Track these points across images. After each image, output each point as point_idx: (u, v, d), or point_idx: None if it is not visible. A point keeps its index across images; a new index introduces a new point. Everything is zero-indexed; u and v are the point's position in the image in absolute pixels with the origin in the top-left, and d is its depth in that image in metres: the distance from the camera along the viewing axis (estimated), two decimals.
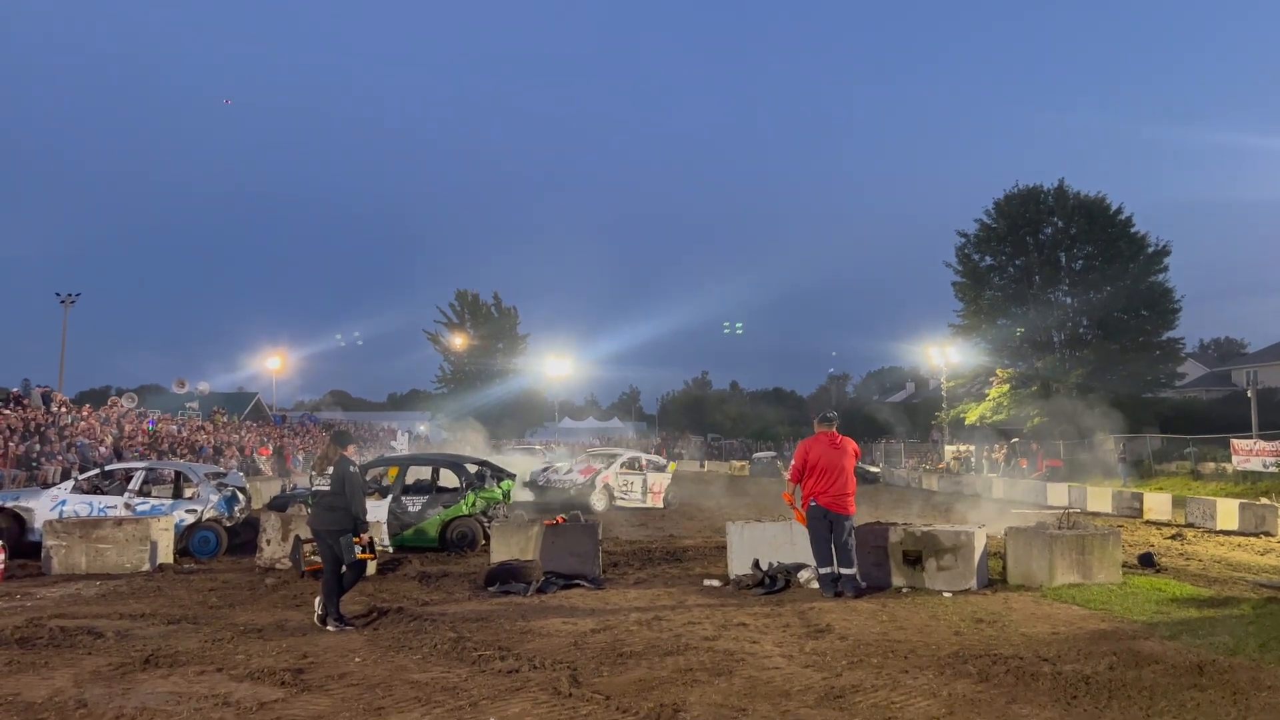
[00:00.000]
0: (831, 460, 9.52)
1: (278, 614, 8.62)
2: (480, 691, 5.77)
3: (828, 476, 9.46)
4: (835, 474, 9.47)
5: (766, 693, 5.77)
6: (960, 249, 47.02)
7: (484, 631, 7.63)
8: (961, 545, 9.87)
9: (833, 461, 9.51)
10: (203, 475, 14.62)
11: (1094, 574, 9.87)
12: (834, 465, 9.50)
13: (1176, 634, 7.51)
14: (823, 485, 9.45)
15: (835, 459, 9.53)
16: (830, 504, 9.41)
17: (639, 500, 23.00)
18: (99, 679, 6.09)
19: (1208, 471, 31.00)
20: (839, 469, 9.50)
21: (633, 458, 25.52)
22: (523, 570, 10.03)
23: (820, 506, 9.43)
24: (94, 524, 11.80)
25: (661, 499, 23.50)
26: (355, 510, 8.02)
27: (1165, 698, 5.65)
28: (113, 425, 29.11)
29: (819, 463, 9.52)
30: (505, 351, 71.37)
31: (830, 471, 9.47)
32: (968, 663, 6.50)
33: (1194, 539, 16.33)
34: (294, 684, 5.96)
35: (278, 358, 59.70)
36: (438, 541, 13.94)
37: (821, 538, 9.48)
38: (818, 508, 9.45)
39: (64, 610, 8.76)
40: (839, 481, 9.46)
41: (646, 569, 11.69)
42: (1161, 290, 43.14)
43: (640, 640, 7.29)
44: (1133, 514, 21.49)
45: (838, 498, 9.43)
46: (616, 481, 23.34)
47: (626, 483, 23.35)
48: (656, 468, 25.18)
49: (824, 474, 9.48)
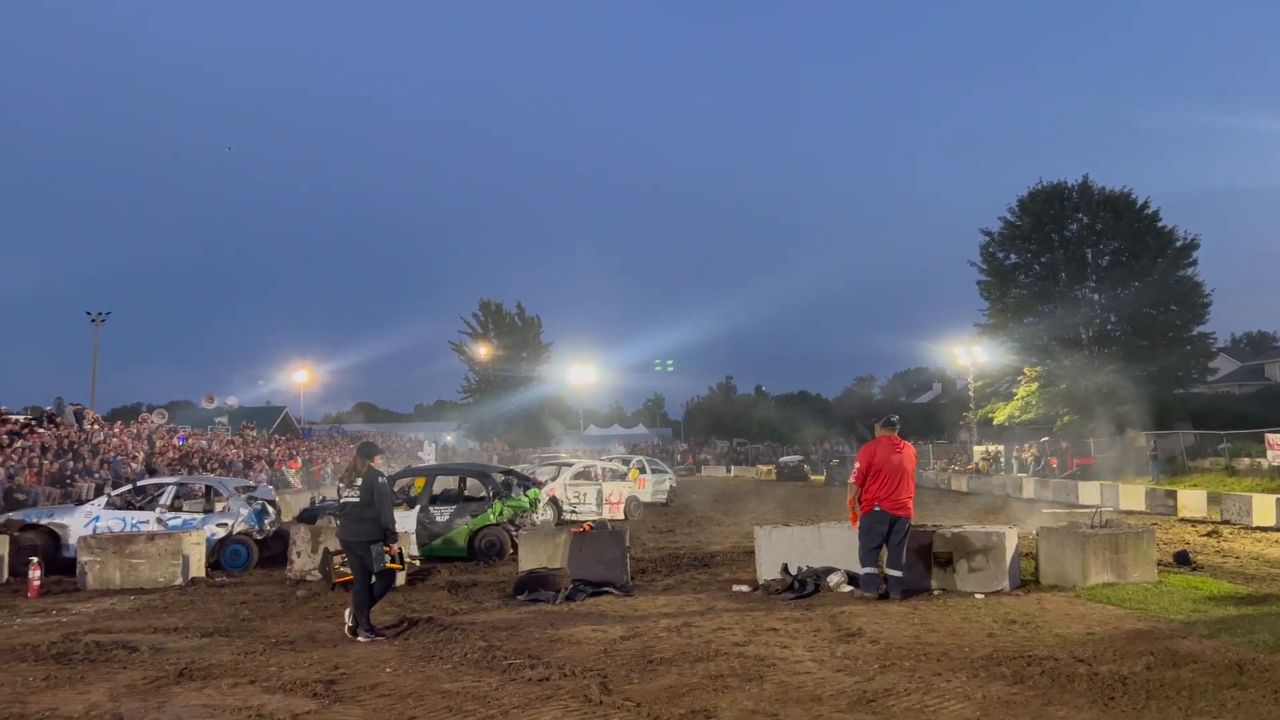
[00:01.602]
0: (894, 465, 9.53)
1: (309, 626, 8.67)
2: (511, 700, 5.77)
3: (890, 481, 9.47)
4: (897, 478, 9.49)
5: (798, 698, 5.73)
6: (984, 247, 46.61)
7: (514, 640, 7.64)
8: (993, 546, 9.78)
9: (895, 466, 9.53)
10: (233, 489, 14.74)
11: (1128, 573, 9.74)
12: (896, 469, 9.52)
13: (1215, 632, 7.39)
14: (886, 490, 9.46)
15: (897, 463, 9.55)
16: (893, 508, 9.43)
17: (592, 512, 21.35)
18: (134, 693, 6.15)
19: (1242, 467, 30.49)
20: (900, 473, 9.52)
21: (587, 467, 24.41)
22: (551, 578, 10.03)
23: (884, 511, 9.43)
24: (127, 539, 11.93)
25: (621, 510, 22.09)
26: (384, 520, 8.06)
27: (1205, 697, 5.56)
28: (144, 441, 29.43)
29: (883, 467, 9.53)
30: (529, 360, 71.52)
31: (893, 476, 9.48)
32: (1002, 664, 6.43)
33: (1230, 536, 16.08)
34: (326, 695, 5.99)
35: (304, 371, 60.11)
36: (466, 551, 13.98)
37: (874, 541, 9.48)
38: (881, 512, 9.45)
39: (99, 625, 8.86)
40: (901, 485, 9.48)
41: (675, 575, 11.66)
42: (1191, 284, 42.53)
43: (670, 647, 7.27)
44: (1167, 512, 21.19)
45: (900, 502, 9.45)
46: (565, 494, 21.49)
47: (578, 494, 21.79)
48: (615, 476, 24.23)
49: (887, 479, 9.48)
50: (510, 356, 70.15)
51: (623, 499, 22.37)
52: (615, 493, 22.35)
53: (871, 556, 9.49)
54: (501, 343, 70.91)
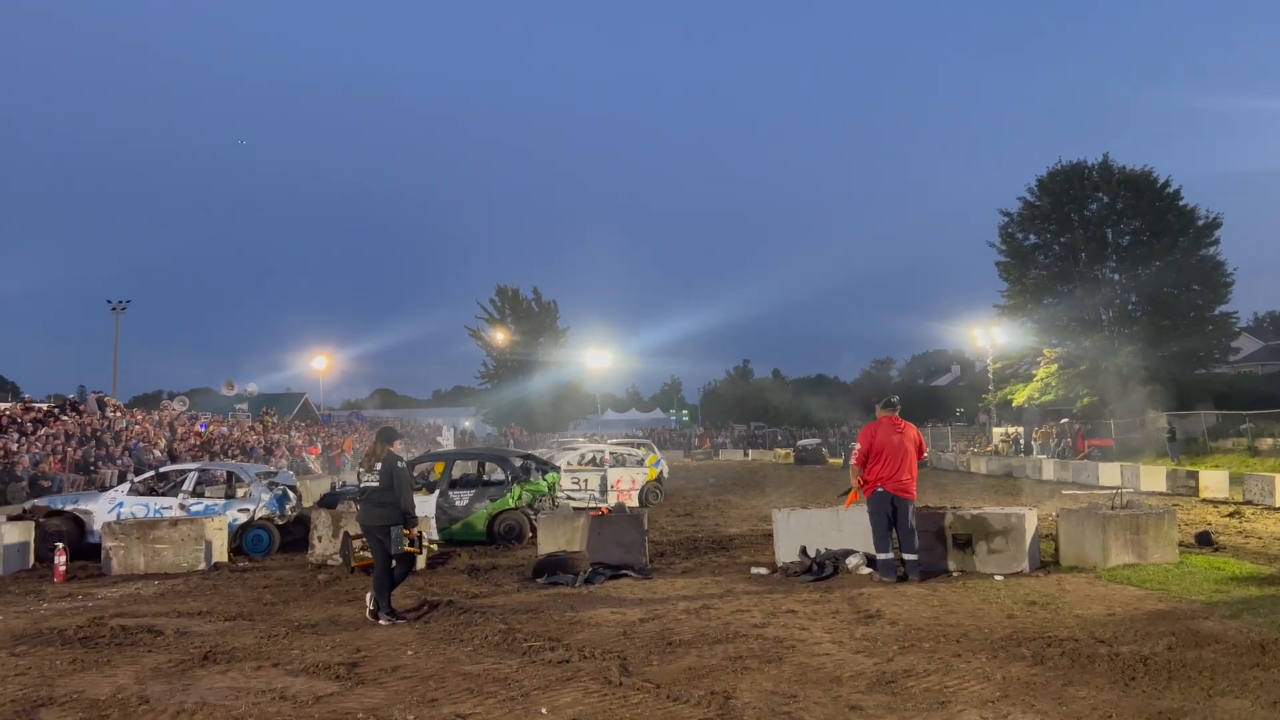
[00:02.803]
0: (895, 445, 9.51)
1: (330, 609, 8.74)
2: (531, 682, 5.81)
3: (892, 462, 9.46)
4: (899, 459, 9.47)
5: (817, 679, 5.74)
6: (1004, 228, 46.31)
7: (533, 623, 7.68)
8: (1012, 528, 9.74)
9: (896, 446, 9.51)
10: (254, 475, 14.86)
11: (1149, 554, 9.69)
12: (897, 450, 9.49)
13: (1237, 613, 7.34)
14: (887, 471, 9.45)
15: (898, 444, 9.52)
16: (895, 489, 9.42)
17: (596, 499, 20.36)
18: (160, 676, 6.23)
19: (1265, 448, 30.24)
20: (902, 453, 9.50)
21: (595, 451, 23.93)
22: (570, 561, 10.07)
23: (886, 492, 9.44)
24: (151, 525, 12.05)
25: (635, 497, 21.28)
26: (404, 504, 8.11)
27: (1227, 677, 5.53)
28: (165, 428, 29.70)
29: (884, 448, 9.52)
30: (546, 345, 71.62)
31: (894, 456, 9.47)
32: (1021, 645, 6.41)
33: (1253, 516, 15.96)
34: (348, 677, 6.04)
35: (324, 358, 60.45)
36: (485, 534, 14.05)
37: (884, 524, 9.47)
38: (883, 493, 9.45)
39: (124, 609, 8.97)
40: (902, 466, 9.46)
41: (693, 558, 11.69)
42: (1213, 264, 42.12)
43: (689, 629, 7.29)
44: (1188, 493, 21.05)
45: (902, 483, 9.44)
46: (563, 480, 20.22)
47: (577, 480, 21.12)
48: (630, 462, 23.40)
49: (888, 459, 9.48)
50: (527, 342, 70.25)
51: (637, 485, 21.72)
52: (628, 479, 21.76)
53: (885, 541, 9.46)
54: (518, 328, 71.03)
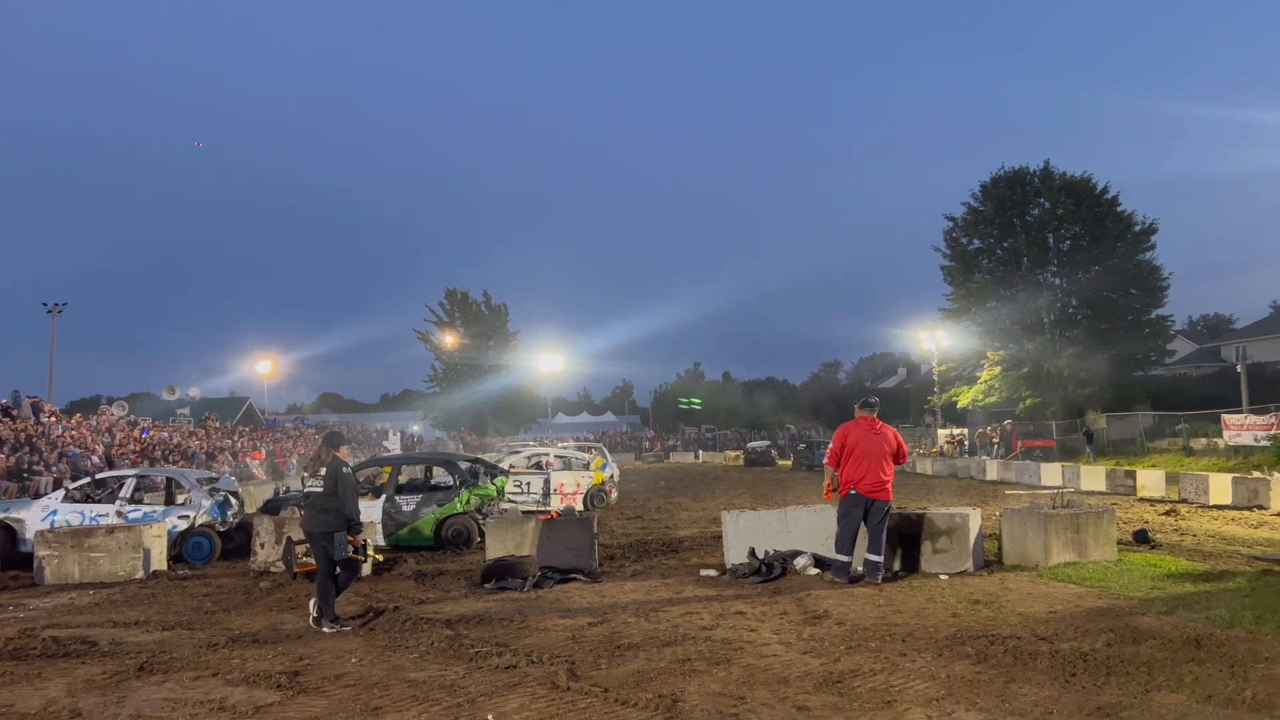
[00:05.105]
0: (870, 446, 9.39)
1: (273, 617, 8.58)
2: (478, 688, 5.74)
3: (865, 463, 9.33)
4: (874, 460, 9.34)
5: (765, 680, 5.75)
6: (948, 233, 47.05)
7: (481, 628, 7.60)
8: (957, 527, 9.87)
9: (871, 447, 9.38)
10: (194, 481, 14.52)
11: (1089, 552, 9.89)
12: (872, 451, 9.37)
13: (1173, 609, 7.52)
14: (860, 472, 9.33)
15: (874, 445, 9.40)
16: (869, 491, 9.31)
17: (537, 503, 19.91)
18: (93, 688, 6.04)
19: (1200, 447, 31.10)
20: (878, 455, 9.37)
21: (538, 454, 23.88)
22: (519, 566, 9.99)
23: (859, 494, 9.33)
24: (86, 533, 11.71)
25: (579, 500, 20.62)
26: (348, 511, 7.96)
27: (1163, 672, 5.65)
28: (103, 434, 28.95)
29: (856, 448, 9.41)
30: (496, 349, 71.17)
31: (868, 457, 9.35)
32: (965, 644, 6.50)
33: (1188, 514, 16.38)
34: (290, 686, 5.92)
35: (268, 362, 59.35)
36: (433, 540, 13.88)
37: (852, 527, 9.37)
38: (856, 495, 9.33)
39: (57, 620, 8.70)
40: (877, 468, 9.33)
41: (643, 561, 11.67)
42: (1149, 268, 43.20)
43: (638, 632, 7.27)
44: (1127, 492, 21.55)
45: (876, 485, 9.33)
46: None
47: (520, 483, 20.55)
48: (575, 465, 23.11)
49: (861, 460, 9.35)
50: (477, 345, 69.79)
51: (581, 489, 21.13)
52: (572, 482, 21.14)
53: (849, 545, 9.35)
54: (468, 331, 70.52)
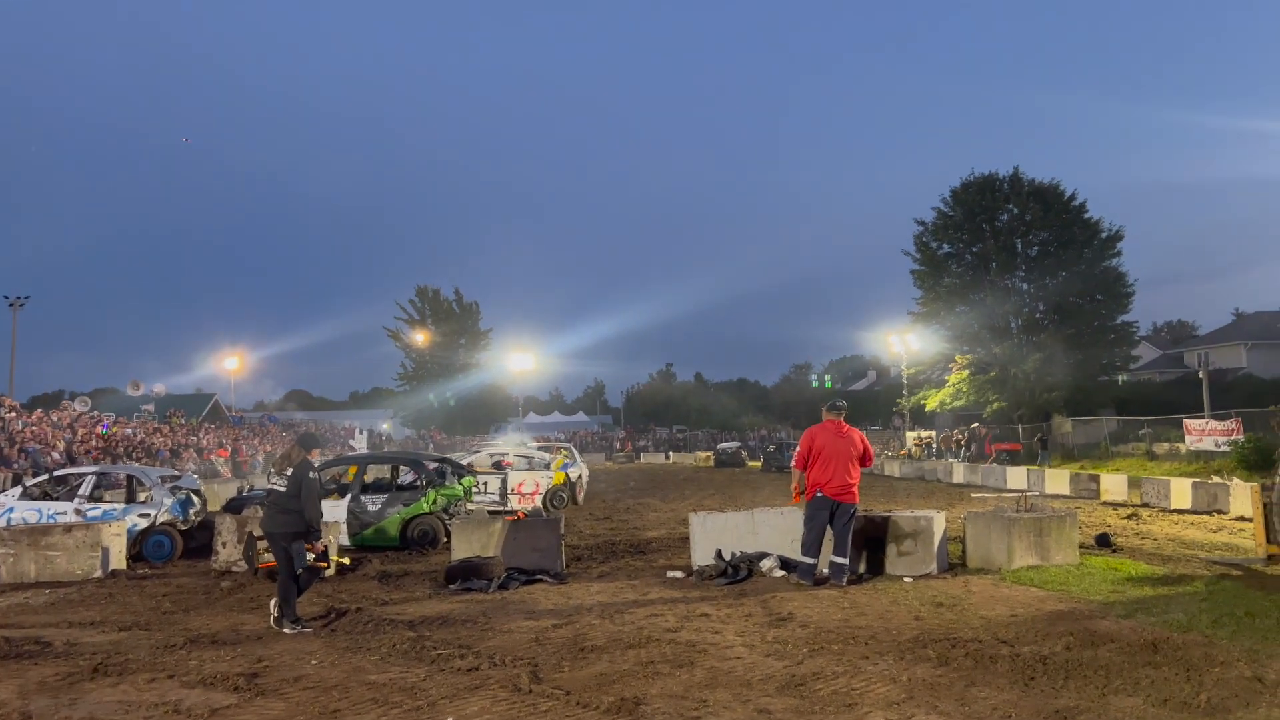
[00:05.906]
0: (837, 449, 9.40)
1: (233, 618, 8.46)
2: (439, 691, 5.69)
3: (832, 465, 9.34)
4: (840, 463, 9.35)
5: (728, 682, 5.75)
6: (918, 237, 47.36)
7: (444, 630, 7.54)
8: (921, 530, 9.93)
9: (838, 450, 9.39)
10: (156, 479, 14.30)
11: (1052, 556, 9.98)
12: (839, 454, 9.38)
13: (1132, 613, 7.61)
14: (827, 475, 9.33)
15: (841, 448, 9.41)
16: (836, 494, 9.32)
17: (494, 503, 19.59)
18: (45, 690, 5.92)
19: (1162, 452, 31.55)
20: (844, 458, 9.38)
21: (497, 454, 23.61)
22: (484, 567, 9.93)
23: (825, 496, 9.33)
24: (43, 531, 11.50)
25: (539, 501, 20.41)
26: (309, 515, 7.85)
27: (1121, 676, 5.71)
28: (65, 430, 28.49)
29: (823, 451, 9.41)
30: (468, 347, 70.86)
31: (835, 460, 9.35)
32: (927, 647, 6.53)
33: (1149, 518, 16.61)
34: (248, 689, 5.84)
35: (235, 358, 58.73)
36: (398, 540, 13.76)
37: (818, 529, 9.38)
38: (823, 498, 9.33)
39: (10, 620, 8.54)
40: (844, 471, 9.34)
41: (610, 562, 11.65)
42: (1115, 275, 43.73)
43: (602, 634, 7.25)
44: (1090, 495, 21.82)
45: (843, 488, 9.34)
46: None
47: (478, 483, 19.49)
48: (536, 465, 22.81)
49: (828, 463, 9.36)
50: (448, 343, 69.42)
51: (540, 489, 20.84)
52: (530, 482, 20.89)
53: (814, 547, 9.37)
54: (439, 329, 70.11)
